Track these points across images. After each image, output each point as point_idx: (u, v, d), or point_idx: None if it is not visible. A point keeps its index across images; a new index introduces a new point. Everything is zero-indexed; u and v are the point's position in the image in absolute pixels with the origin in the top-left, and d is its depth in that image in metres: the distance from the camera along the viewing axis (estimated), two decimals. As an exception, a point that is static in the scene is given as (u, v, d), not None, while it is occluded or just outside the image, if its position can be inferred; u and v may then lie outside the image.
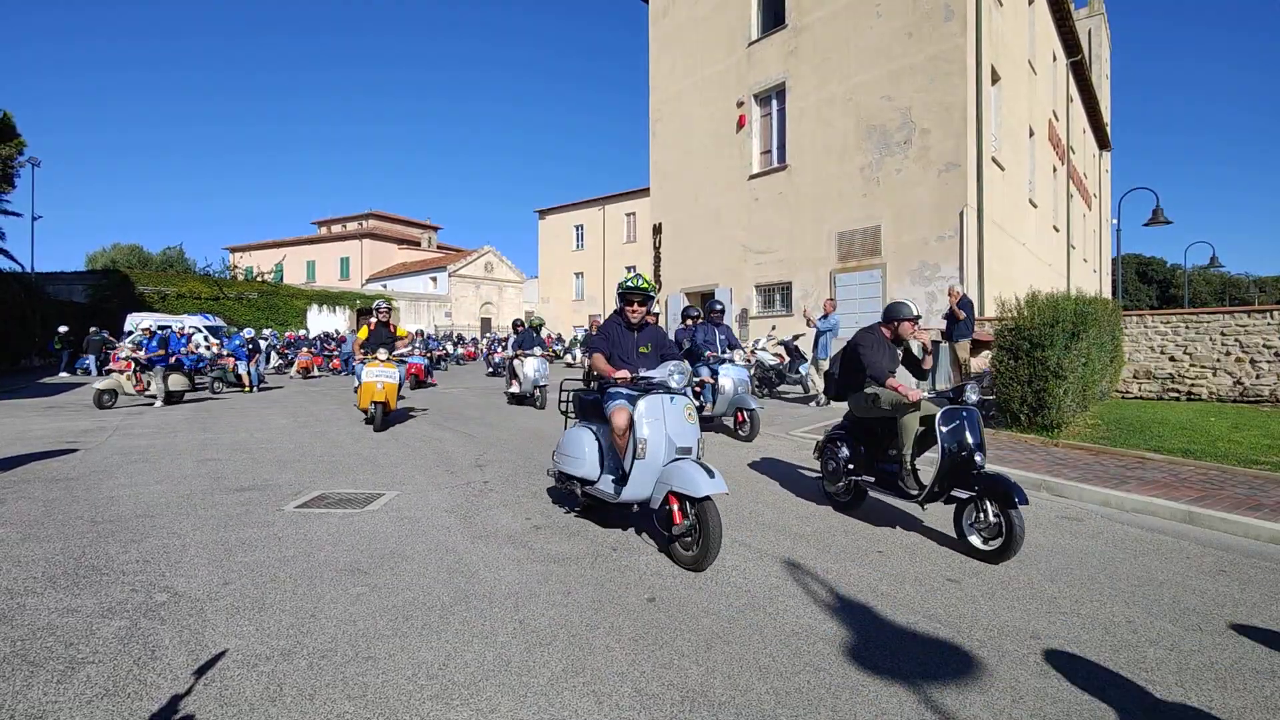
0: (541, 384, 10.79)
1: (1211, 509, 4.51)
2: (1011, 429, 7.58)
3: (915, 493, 4.09)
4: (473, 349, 31.08)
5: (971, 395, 4.03)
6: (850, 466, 4.53)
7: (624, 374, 3.95)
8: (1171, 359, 10.24)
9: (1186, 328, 10.15)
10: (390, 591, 3.16)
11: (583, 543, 3.94)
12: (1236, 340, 9.65)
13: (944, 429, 3.92)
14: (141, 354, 11.48)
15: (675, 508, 3.54)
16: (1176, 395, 10.12)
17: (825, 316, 10.88)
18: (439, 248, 54.02)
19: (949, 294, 10.01)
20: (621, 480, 3.89)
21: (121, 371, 11.38)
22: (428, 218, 57.83)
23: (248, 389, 14.41)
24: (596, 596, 3.14)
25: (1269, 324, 9.42)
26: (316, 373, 20.02)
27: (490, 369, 20.26)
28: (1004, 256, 14.10)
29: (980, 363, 9.83)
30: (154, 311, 24.84)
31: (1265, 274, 65.66)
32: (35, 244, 31.42)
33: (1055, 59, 19.73)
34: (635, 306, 4.29)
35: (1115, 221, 20.17)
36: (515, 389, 11.22)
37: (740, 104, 16.47)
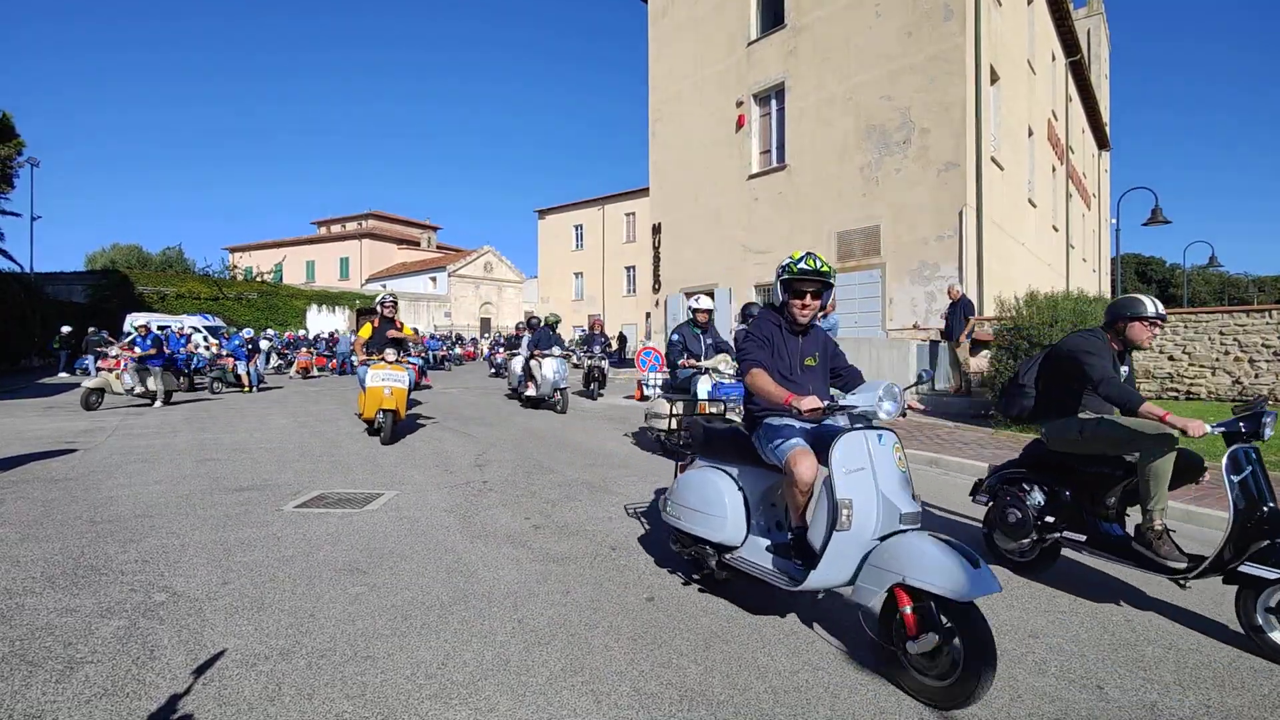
0: (561, 386, 10.34)
1: (1210, 508, 4.51)
2: (1011, 428, 7.58)
3: (1179, 565, 2.87)
4: (471, 349, 31.07)
5: (1269, 429, 2.81)
6: (1049, 520, 3.32)
7: (813, 402, 2.55)
8: (1170, 358, 10.24)
9: (1185, 327, 10.15)
10: (389, 591, 3.16)
11: (582, 542, 3.94)
12: (1235, 340, 9.65)
13: (1233, 478, 2.78)
14: (136, 351, 11.36)
15: (908, 609, 2.30)
16: (1175, 394, 10.13)
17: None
18: (438, 248, 54.02)
19: (949, 293, 10.02)
20: (791, 551, 2.80)
21: (110, 370, 11.14)
22: (427, 218, 57.83)
23: (247, 389, 14.42)
24: (595, 596, 3.14)
25: (1268, 323, 9.42)
26: (316, 373, 20.02)
27: (493, 370, 20.00)
28: (1003, 256, 14.11)
29: (979, 363, 9.84)
30: (154, 312, 24.85)
31: (1264, 273, 65.75)
32: (34, 244, 31.44)
33: (1054, 59, 19.74)
34: (808, 300, 3.01)
35: (1114, 221, 20.20)
36: (531, 391, 10.75)
37: (740, 104, 16.47)
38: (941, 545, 2.29)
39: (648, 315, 21.36)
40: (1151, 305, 3.24)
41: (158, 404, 11.25)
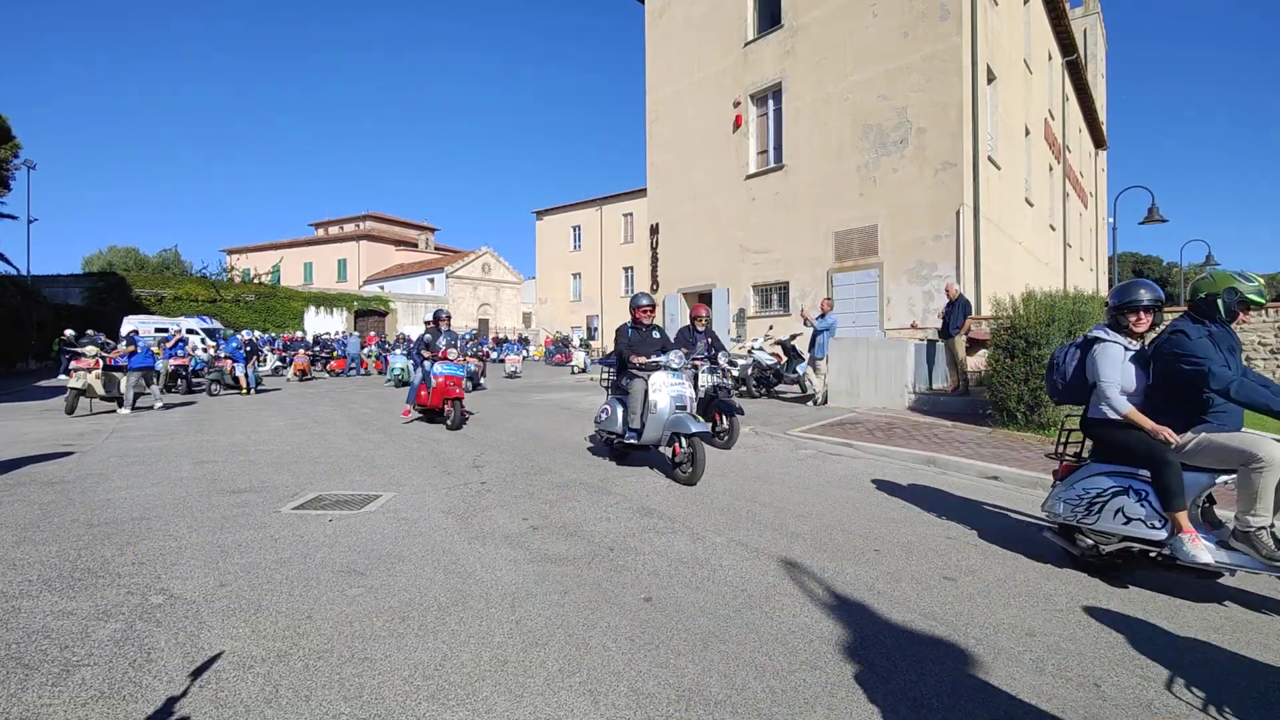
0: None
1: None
2: (1008, 427, 7.59)
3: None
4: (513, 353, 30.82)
5: None
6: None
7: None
8: (1168, 357, 10.26)
9: (1182, 326, 10.17)
10: (387, 592, 3.16)
11: (580, 543, 3.94)
12: (1232, 338, 9.67)
13: None
14: (115, 355, 11.10)
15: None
16: (1173, 393, 10.14)
17: (822, 316, 10.90)
18: (436, 249, 53.97)
19: (947, 292, 10.03)
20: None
21: (89, 370, 10.65)
22: (425, 219, 57.99)
23: (245, 391, 14.40)
24: (593, 596, 3.14)
25: (1265, 321, 9.44)
26: (314, 374, 19.99)
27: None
28: (1001, 255, 14.13)
29: (976, 362, 9.85)
30: (151, 314, 24.82)
31: (1261, 271, 65.90)
32: (31, 247, 31.31)
33: (1051, 58, 19.78)
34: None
35: (1111, 219, 20.24)
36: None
37: (737, 104, 16.49)
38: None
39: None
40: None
41: (123, 410, 10.81)
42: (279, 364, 21.61)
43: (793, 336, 12.33)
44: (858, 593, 3.21)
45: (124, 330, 18.78)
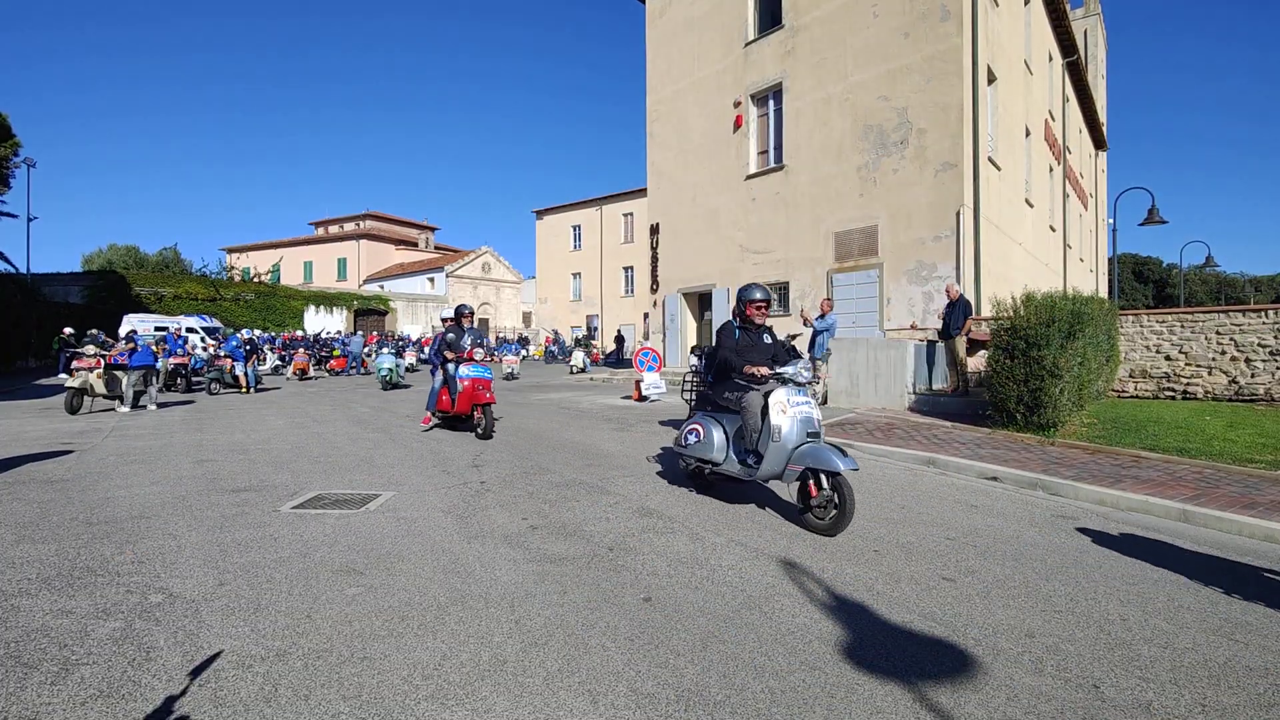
0: None
1: (1206, 507, 4.53)
2: (1008, 428, 7.59)
3: None
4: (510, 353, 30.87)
5: None
6: None
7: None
8: (1167, 358, 10.27)
9: (1182, 327, 10.18)
10: (386, 592, 3.15)
11: (579, 543, 3.94)
12: (1232, 339, 9.69)
13: None
14: (113, 355, 11.08)
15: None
16: (1172, 394, 10.16)
17: (822, 316, 10.91)
18: (436, 248, 53.99)
19: (948, 292, 10.04)
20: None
21: (91, 369, 10.62)
22: (425, 218, 58.05)
23: (244, 390, 14.40)
24: (592, 596, 3.14)
25: (1264, 323, 9.45)
26: (314, 373, 19.99)
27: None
28: (1001, 256, 14.13)
29: (976, 363, 9.85)
30: (151, 313, 24.83)
31: (1260, 273, 66.02)
32: (31, 245, 31.31)
33: (1051, 59, 19.78)
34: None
35: (1111, 221, 20.25)
36: None
37: (737, 104, 16.48)
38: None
39: (645, 316, 21.37)
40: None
41: (123, 408, 10.81)
42: (279, 363, 21.61)
43: (792, 337, 12.29)
44: (857, 593, 3.21)
45: (123, 329, 18.78)
